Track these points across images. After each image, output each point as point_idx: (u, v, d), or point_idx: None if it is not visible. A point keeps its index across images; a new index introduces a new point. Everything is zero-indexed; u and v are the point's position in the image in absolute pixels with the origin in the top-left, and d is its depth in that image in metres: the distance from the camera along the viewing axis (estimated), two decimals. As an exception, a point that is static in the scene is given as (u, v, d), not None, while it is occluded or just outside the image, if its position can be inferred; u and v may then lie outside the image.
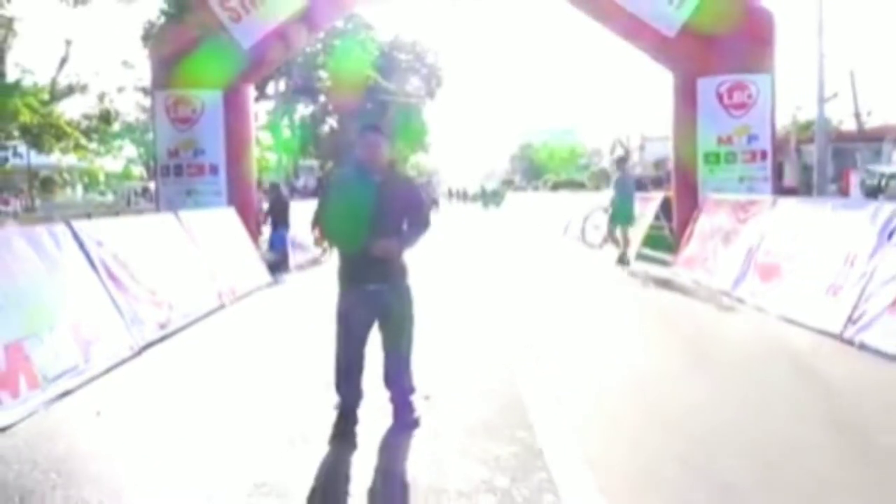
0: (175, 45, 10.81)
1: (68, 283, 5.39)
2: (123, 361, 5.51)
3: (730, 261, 8.33)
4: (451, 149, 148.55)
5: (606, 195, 12.89)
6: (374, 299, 3.90)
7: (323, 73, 31.15)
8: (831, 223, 6.67)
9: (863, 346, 5.40)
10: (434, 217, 4.11)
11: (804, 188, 28.18)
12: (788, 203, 7.89)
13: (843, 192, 26.53)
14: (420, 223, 4.00)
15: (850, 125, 35.42)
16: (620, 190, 11.60)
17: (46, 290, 5.07)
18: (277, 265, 11.30)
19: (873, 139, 31.49)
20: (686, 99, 10.72)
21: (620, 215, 11.49)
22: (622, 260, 11.32)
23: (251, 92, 12.11)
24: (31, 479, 3.32)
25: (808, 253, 6.82)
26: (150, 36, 20.46)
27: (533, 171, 79.31)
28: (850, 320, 5.67)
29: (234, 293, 8.66)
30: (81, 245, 5.78)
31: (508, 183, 65.01)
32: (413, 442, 3.74)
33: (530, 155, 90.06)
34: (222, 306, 8.05)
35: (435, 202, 48.76)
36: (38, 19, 60.20)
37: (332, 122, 36.93)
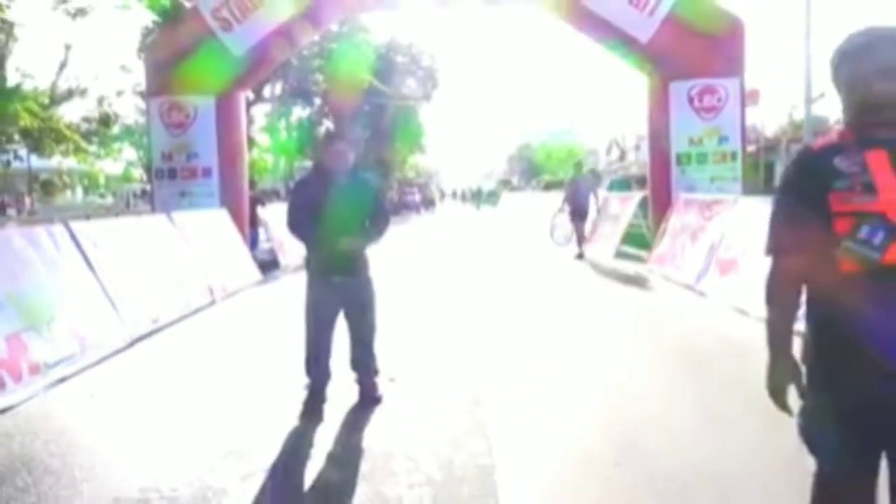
0: (169, 53, 11.27)
1: (66, 280, 5.83)
2: (116, 352, 5.94)
3: (695, 257, 8.77)
4: (450, 150, 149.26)
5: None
6: (339, 290, 4.34)
7: (318, 77, 31.58)
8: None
9: (797, 334, 5.82)
10: (430, 217, 4.50)
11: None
12: (748, 202, 8.33)
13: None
14: (381, 221, 4.45)
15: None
16: (573, 190, 13.09)
17: (45, 286, 5.51)
18: (269, 264, 11.77)
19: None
20: (659, 102, 11.16)
21: (573, 213, 13.10)
22: (581, 256, 12.61)
23: (243, 97, 12.55)
24: (32, 449, 3.76)
25: (761, 248, 7.24)
26: (146, 42, 20.91)
27: (531, 172, 79.72)
28: (792, 310, 6.10)
29: (225, 290, 9.10)
30: (78, 244, 6.22)
31: (505, 183, 65.50)
32: (373, 417, 4.19)
33: (528, 155, 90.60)
34: (213, 302, 8.49)
35: (432, 202, 49.32)
36: (38, 24, 60.69)
37: (328, 123, 37.36)
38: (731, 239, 8.01)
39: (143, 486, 3.25)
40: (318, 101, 34.41)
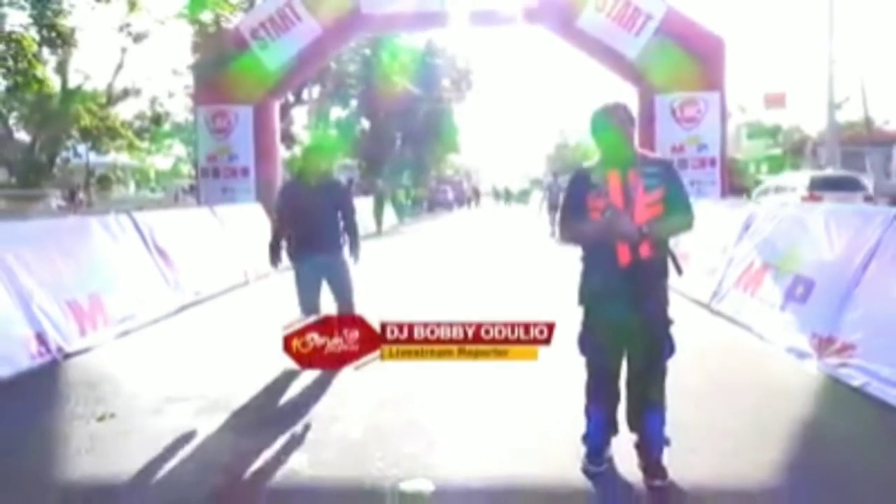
0: (213, 67, 12.95)
1: (129, 256, 7.45)
2: (167, 315, 7.53)
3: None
4: (490, 149, 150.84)
5: None
6: (319, 265, 5.71)
7: (354, 80, 33.29)
8: (722, 219, 8.31)
9: (718, 314, 7.08)
10: (460, 214, 5.57)
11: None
12: (700, 204, 9.50)
13: (851, 193, 27.25)
14: (348, 213, 5.81)
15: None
16: (551, 190, 18.15)
17: (114, 260, 7.12)
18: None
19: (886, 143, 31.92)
20: (646, 112, 12.35)
21: (549, 206, 18.03)
22: (553, 234, 16.89)
23: (277, 106, 14.18)
24: (110, 371, 5.32)
25: (706, 243, 8.47)
26: (194, 55, 22.76)
27: (567, 171, 80.00)
28: (715, 294, 7.35)
29: (257, 273, 10.67)
30: (139, 230, 7.84)
31: (536, 182, 66.51)
32: (352, 359, 5.63)
33: (565, 154, 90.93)
34: (246, 282, 10.08)
35: (468, 201, 50.82)
36: (96, 26, 63.97)
37: (365, 124, 39.11)
38: (685, 235, 9.19)
39: (185, 391, 4.77)
40: (354, 102, 36.11)
